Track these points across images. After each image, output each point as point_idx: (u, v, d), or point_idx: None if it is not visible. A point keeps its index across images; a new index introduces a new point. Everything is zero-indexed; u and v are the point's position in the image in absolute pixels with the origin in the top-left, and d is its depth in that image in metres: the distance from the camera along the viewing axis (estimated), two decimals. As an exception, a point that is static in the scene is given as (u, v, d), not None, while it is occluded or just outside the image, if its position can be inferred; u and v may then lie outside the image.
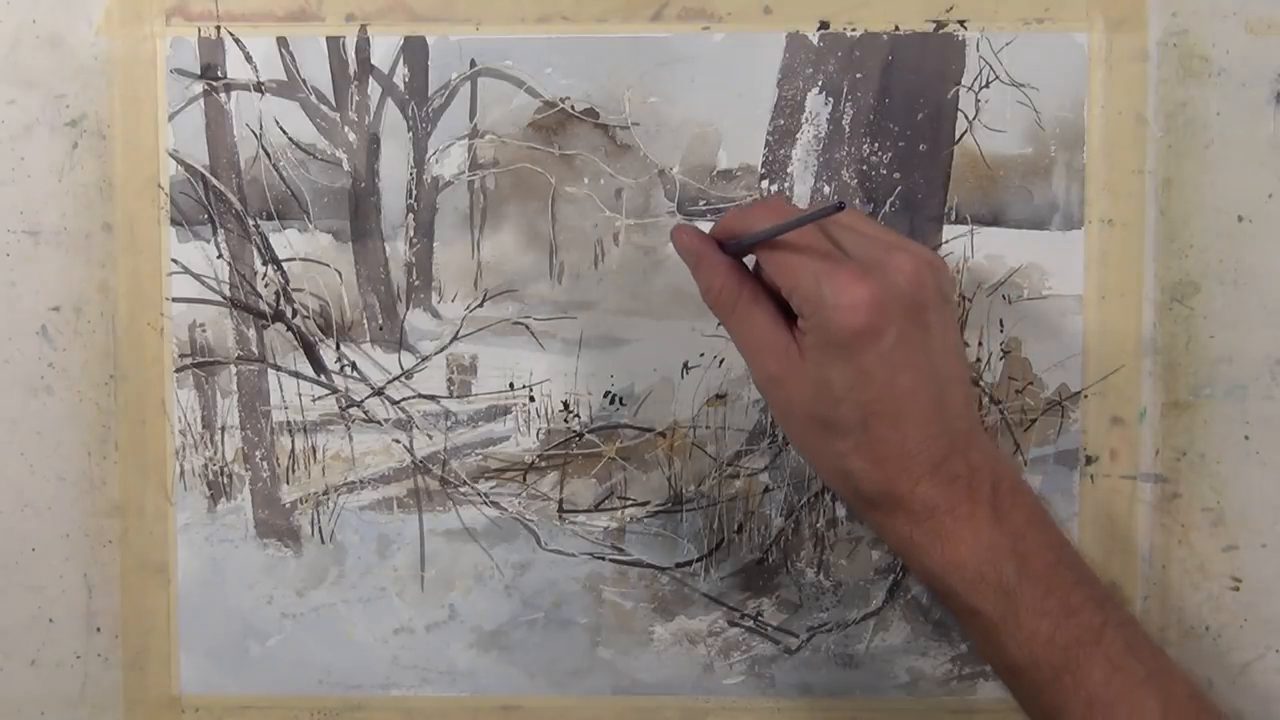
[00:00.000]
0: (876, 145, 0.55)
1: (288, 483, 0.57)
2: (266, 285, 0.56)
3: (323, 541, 0.57)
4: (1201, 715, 0.41)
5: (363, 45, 0.55)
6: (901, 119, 0.55)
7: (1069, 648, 0.40)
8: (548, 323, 0.56)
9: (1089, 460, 0.56)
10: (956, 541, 0.40)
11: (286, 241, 0.56)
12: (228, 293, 0.56)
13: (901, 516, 0.41)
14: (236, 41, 0.55)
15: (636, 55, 0.55)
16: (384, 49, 0.55)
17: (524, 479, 0.57)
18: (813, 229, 0.42)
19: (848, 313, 0.38)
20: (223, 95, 0.56)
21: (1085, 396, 0.56)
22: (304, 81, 0.55)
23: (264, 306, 0.56)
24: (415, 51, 0.55)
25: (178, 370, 0.56)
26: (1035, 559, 0.40)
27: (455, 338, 0.56)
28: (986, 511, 0.40)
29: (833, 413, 0.40)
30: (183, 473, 0.57)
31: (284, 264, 0.56)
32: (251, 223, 0.56)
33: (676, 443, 0.57)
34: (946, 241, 0.55)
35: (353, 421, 0.57)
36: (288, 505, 0.57)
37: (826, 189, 0.55)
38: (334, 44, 0.55)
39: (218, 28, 0.55)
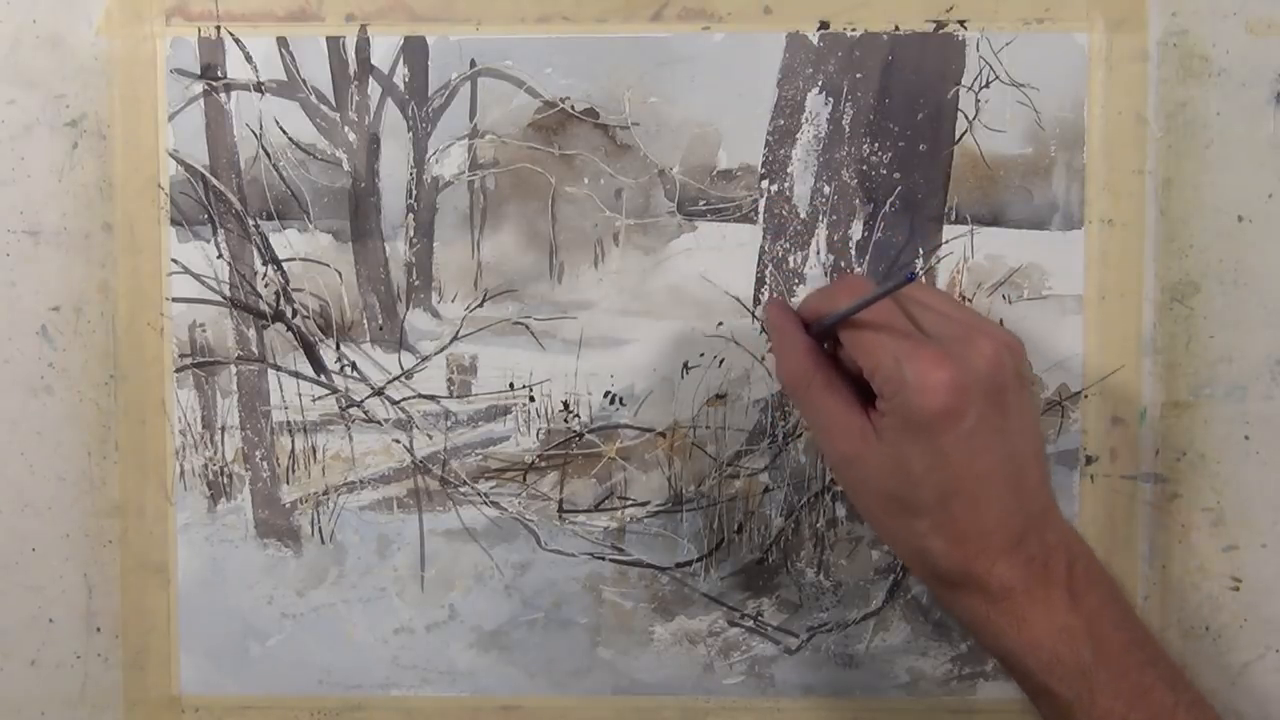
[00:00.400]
0: (876, 145, 0.55)
1: (288, 483, 0.57)
2: (266, 285, 0.56)
3: (323, 541, 0.57)
4: None
5: (363, 45, 0.55)
6: (901, 119, 0.55)
7: None
8: (548, 323, 0.56)
9: (1089, 460, 0.56)
10: (1033, 623, 0.40)
11: (286, 241, 0.56)
12: (228, 293, 0.56)
13: (978, 596, 0.41)
14: (236, 41, 0.55)
15: (636, 55, 0.55)
16: (384, 49, 0.55)
17: (524, 479, 0.57)
18: (892, 307, 0.42)
19: (928, 395, 0.39)
20: (223, 95, 0.55)
21: (1085, 396, 0.56)
22: (304, 81, 0.55)
23: (264, 306, 0.56)
24: (415, 51, 0.55)
25: (178, 370, 0.56)
26: (1110, 640, 0.41)
27: (455, 338, 0.56)
28: (1062, 593, 0.41)
29: (910, 493, 0.40)
30: (183, 473, 0.57)
31: (284, 264, 0.56)
32: (251, 223, 0.56)
33: (676, 443, 0.57)
34: (946, 241, 0.55)
35: (353, 421, 0.57)
36: (288, 505, 0.57)
37: (826, 189, 0.55)
38: (334, 44, 0.55)
39: (218, 28, 0.55)
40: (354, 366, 0.57)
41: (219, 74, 0.55)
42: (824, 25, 0.55)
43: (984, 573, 0.40)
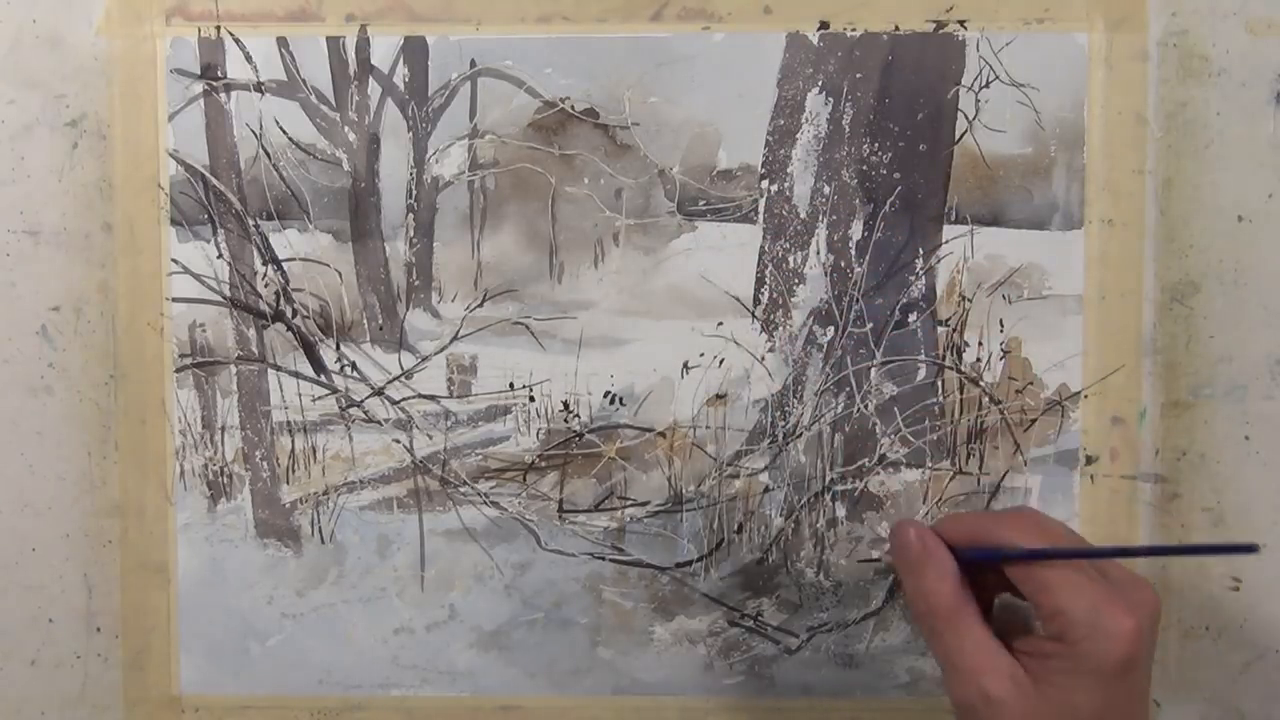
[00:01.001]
0: (876, 145, 0.55)
1: (288, 483, 0.57)
2: (266, 285, 0.56)
3: (323, 541, 0.57)
4: None
5: (363, 45, 0.55)
6: (901, 119, 0.55)
7: None
8: (548, 323, 0.56)
9: (1089, 460, 0.56)
10: None
11: (286, 241, 0.56)
12: (228, 293, 0.56)
13: None
14: (236, 41, 0.55)
15: (636, 55, 0.55)
16: (384, 49, 0.55)
17: (524, 479, 0.57)
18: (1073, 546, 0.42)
19: (1118, 642, 0.39)
20: (223, 95, 0.55)
21: (1085, 396, 0.56)
22: (304, 81, 0.55)
23: (264, 306, 0.56)
24: (415, 51, 0.55)
25: (178, 370, 0.56)
26: None
27: (455, 338, 0.56)
28: None
29: None
30: (183, 473, 0.57)
31: (284, 264, 0.56)
32: (251, 223, 0.56)
33: (676, 443, 0.57)
34: (946, 241, 0.55)
35: (353, 421, 0.57)
36: (288, 505, 0.57)
37: (826, 189, 0.55)
38: (334, 44, 0.55)
39: (218, 28, 0.55)
40: (354, 366, 0.57)
41: (219, 74, 0.55)
42: (824, 25, 0.55)
43: None
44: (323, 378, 0.57)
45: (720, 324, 0.56)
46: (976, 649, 0.41)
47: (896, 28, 0.55)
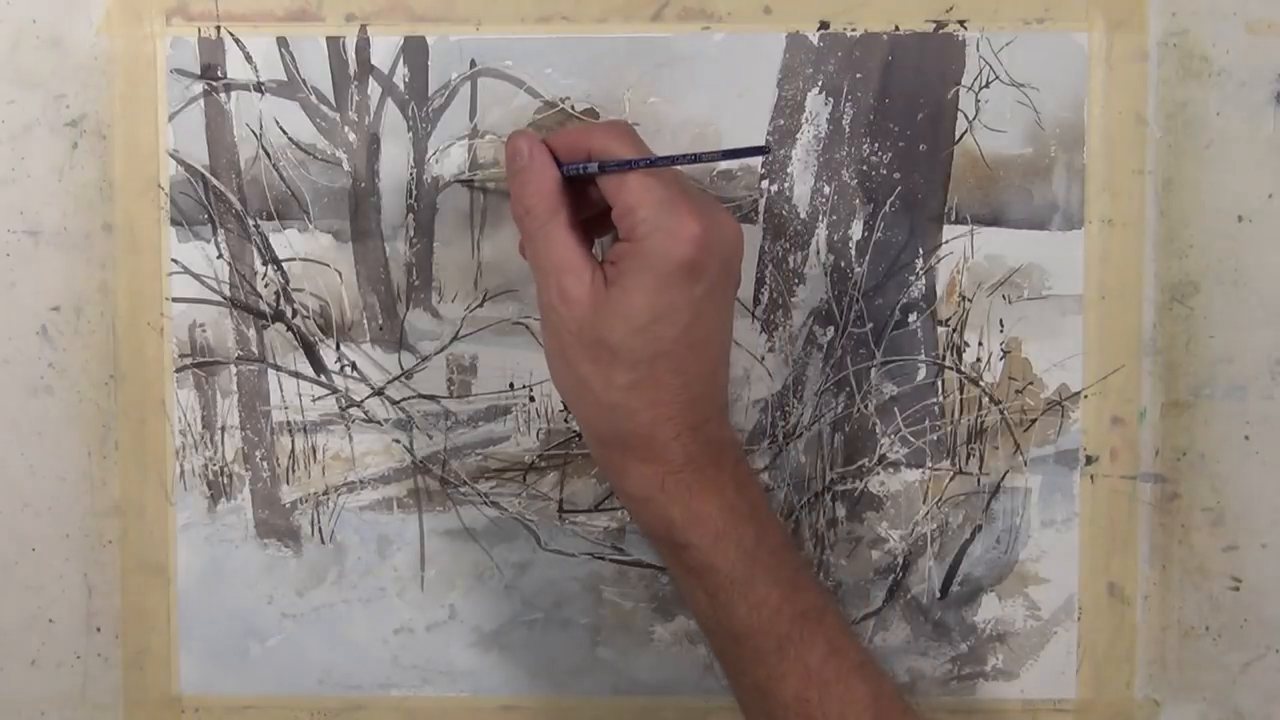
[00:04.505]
0: (876, 145, 0.55)
1: (288, 483, 0.57)
2: (266, 285, 0.56)
3: (323, 541, 0.57)
4: (905, 714, 0.44)
5: (363, 45, 0.55)
6: (901, 119, 0.55)
7: (795, 620, 0.42)
8: (548, 323, 0.56)
9: (1089, 460, 0.56)
10: (704, 498, 0.42)
11: (286, 241, 0.56)
12: (228, 293, 0.56)
13: (655, 465, 0.42)
14: (236, 41, 0.55)
15: (636, 55, 0.55)
16: (384, 49, 0.55)
17: (524, 479, 0.57)
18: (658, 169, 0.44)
19: (680, 244, 0.40)
20: (223, 95, 0.56)
21: (1085, 396, 0.56)
22: (304, 81, 0.55)
23: (264, 306, 0.56)
24: (415, 51, 0.55)
25: (178, 370, 0.56)
26: (771, 532, 0.44)
27: (455, 338, 0.56)
28: (730, 479, 0.43)
29: (625, 342, 0.41)
30: (183, 473, 0.57)
31: (284, 264, 0.56)
32: (251, 223, 0.56)
33: (676, 443, 0.56)
34: (946, 241, 0.55)
35: (353, 421, 0.57)
36: (288, 505, 0.57)
37: (826, 189, 0.55)
38: (334, 44, 0.55)
39: (218, 28, 0.55)
40: (354, 366, 0.57)
41: (219, 74, 0.55)
42: (824, 25, 0.55)
43: (667, 441, 0.42)
44: (323, 378, 0.57)
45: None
46: (563, 251, 0.43)
47: (896, 28, 0.55)
